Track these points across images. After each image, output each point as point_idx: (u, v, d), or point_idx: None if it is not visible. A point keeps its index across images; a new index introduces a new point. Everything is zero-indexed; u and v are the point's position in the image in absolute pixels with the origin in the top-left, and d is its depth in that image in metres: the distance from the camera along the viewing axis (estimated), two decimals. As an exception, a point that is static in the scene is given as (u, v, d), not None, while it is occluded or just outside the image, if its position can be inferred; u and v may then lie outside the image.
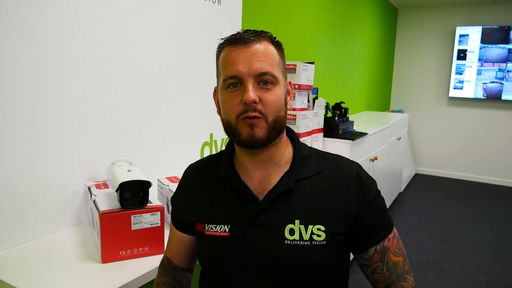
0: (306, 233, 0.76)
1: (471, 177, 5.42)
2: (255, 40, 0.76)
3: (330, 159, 0.86)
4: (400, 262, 0.83)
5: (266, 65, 0.75)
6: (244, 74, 0.74)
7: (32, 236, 1.13)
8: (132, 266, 1.01)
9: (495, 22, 5.06)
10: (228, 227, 0.80)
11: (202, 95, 1.72)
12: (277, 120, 0.76)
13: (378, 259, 0.81)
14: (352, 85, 4.16)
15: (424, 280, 2.68)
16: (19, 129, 1.06)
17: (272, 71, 0.75)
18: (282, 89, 0.78)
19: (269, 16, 2.43)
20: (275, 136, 0.78)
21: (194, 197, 0.87)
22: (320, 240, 0.75)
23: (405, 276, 0.83)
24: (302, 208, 0.78)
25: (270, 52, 0.77)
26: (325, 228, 0.76)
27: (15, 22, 1.02)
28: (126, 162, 1.29)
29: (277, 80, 0.76)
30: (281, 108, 0.77)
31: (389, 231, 0.82)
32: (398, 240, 0.84)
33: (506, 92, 5.04)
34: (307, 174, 0.81)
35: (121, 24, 1.31)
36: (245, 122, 0.74)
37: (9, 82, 1.03)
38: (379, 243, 0.81)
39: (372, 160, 2.91)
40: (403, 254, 0.84)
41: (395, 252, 0.82)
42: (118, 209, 1.02)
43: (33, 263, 1.01)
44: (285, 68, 0.83)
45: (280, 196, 0.78)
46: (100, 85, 1.27)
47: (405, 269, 0.83)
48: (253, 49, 0.75)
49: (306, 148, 0.87)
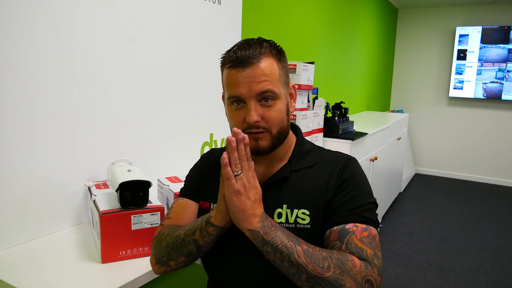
0: (292, 216, 0.82)
1: (471, 177, 5.42)
2: (254, 61, 0.79)
3: (327, 153, 0.91)
4: (367, 251, 0.74)
5: (265, 84, 0.79)
6: (246, 96, 0.80)
7: (32, 236, 1.13)
8: (132, 266, 1.01)
9: (495, 22, 5.06)
10: None
11: (202, 95, 1.72)
12: (280, 131, 0.83)
13: (336, 238, 0.77)
14: (352, 85, 4.16)
15: (424, 280, 2.68)
16: (20, 129, 1.06)
17: (272, 88, 0.80)
18: (283, 100, 0.83)
19: (269, 16, 2.43)
20: (279, 144, 0.85)
21: (206, 177, 0.95)
22: (304, 224, 0.81)
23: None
24: (292, 195, 0.84)
25: (269, 69, 0.80)
26: (310, 212, 0.81)
27: (15, 22, 1.02)
28: (126, 162, 1.29)
29: (277, 95, 0.81)
30: (283, 119, 0.83)
31: (359, 221, 0.78)
32: (372, 238, 0.76)
33: (506, 92, 5.04)
34: (302, 166, 0.87)
35: (121, 24, 1.31)
36: (250, 136, 0.80)
37: (10, 83, 1.03)
38: (341, 224, 0.77)
39: (372, 160, 2.91)
40: (374, 251, 0.75)
41: (362, 240, 0.75)
42: (118, 209, 1.02)
43: (33, 263, 1.01)
44: (287, 73, 0.87)
45: (274, 184, 0.85)
46: (100, 85, 1.27)
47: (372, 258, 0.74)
48: (252, 71, 0.79)
49: (309, 144, 0.93)
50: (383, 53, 5.18)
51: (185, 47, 1.60)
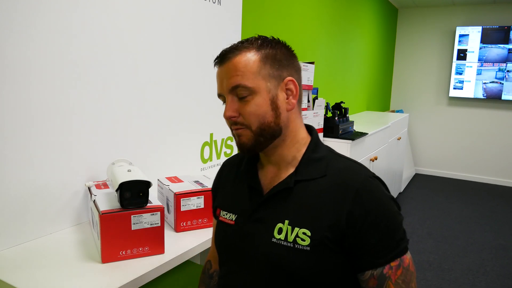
0: (291, 234, 0.75)
1: (471, 177, 5.42)
2: (230, 56, 0.78)
3: (341, 164, 0.81)
4: None
5: (236, 79, 0.77)
6: (223, 92, 0.80)
7: (32, 236, 1.13)
8: (132, 266, 1.00)
9: (495, 22, 5.06)
10: (235, 217, 0.85)
11: (202, 95, 1.72)
12: (262, 127, 0.78)
13: (374, 285, 0.74)
14: (352, 85, 4.16)
15: (424, 280, 2.68)
16: (19, 129, 1.06)
17: (243, 83, 0.76)
18: (264, 95, 0.77)
19: (269, 16, 2.43)
20: (267, 141, 0.80)
21: (223, 184, 0.96)
22: (304, 245, 0.74)
23: None
24: (295, 209, 0.77)
25: (243, 64, 0.77)
26: (311, 233, 0.74)
27: (15, 22, 1.02)
28: (126, 162, 1.29)
29: (252, 90, 0.77)
30: (264, 114, 0.78)
31: (393, 258, 0.73)
32: (406, 271, 0.73)
33: (506, 92, 5.04)
34: (309, 176, 0.79)
35: (121, 24, 1.31)
36: (234, 132, 0.81)
37: (9, 83, 1.03)
38: (377, 268, 0.73)
39: (372, 160, 2.91)
40: (407, 284, 0.73)
41: (397, 284, 0.73)
42: (118, 209, 1.02)
43: (33, 263, 1.01)
44: (282, 67, 0.80)
45: (278, 194, 0.80)
46: (100, 85, 1.27)
47: None
48: (226, 66, 0.78)
49: (323, 150, 0.84)
50: (383, 53, 5.18)
51: (185, 47, 1.59)
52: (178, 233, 1.23)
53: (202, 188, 1.29)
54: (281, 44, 0.83)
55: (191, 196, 1.25)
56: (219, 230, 0.90)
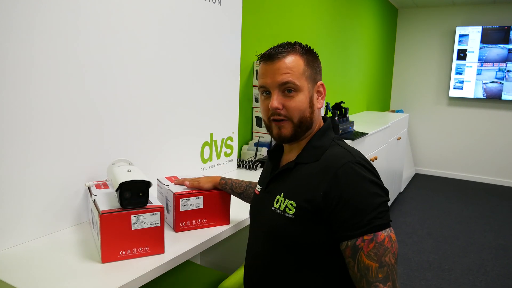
0: (283, 204, 0.92)
1: (471, 177, 5.42)
2: (280, 56, 0.92)
3: (335, 150, 0.93)
4: (372, 268, 0.80)
5: (287, 76, 0.91)
6: (270, 85, 0.93)
7: (32, 236, 1.13)
8: (132, 266, 1.01)
9: (495, 22, 5.06)
10: (259, 188, 1.07)
11: (202, 95, 1.72)
12: (302, 120, 0.93)
13: (349, 255, 0.83)
14: (352, 85, 4.16)
15: (424, 280, 2.68)
16: (20, 129, 1.06)
17: (293, 80, 0.91)
18: (306, 93, 0.93)
19: (269, 16, 2.43)
20: (302, 133, 0.95)
21: (264, 166, 1.16)
22: (290, 213, 0.90)
23: (377, 284, 0.80)
24: (290, 185, 0.93)
25: (293, 64, 0.92)
26: (296, 204, 0.89)
27: (15, 21, 1.02)
28: (126, 162, 1.29)
29: (298, 87, 0.92)
30: (305, 110, 0.93)
31: (366, 232, 0.81)
32: (379, 245, 0.81)
33: (506, 92, 5.04)
34: (306, 160, 0.94)
35: (120, 25, 1.31)
36: (274, 123, 0.95)
37: (9, 82, 1.03)
38: (351, 239, 0.82)
39: (372, 160, 2.91)
40: (379, 260, 0.80)
41: (369, 256, 0.80)
42: (118, 209, 1.02)
43: (33, 263, 1.01)
44: (317, 72, 0.97)
45: (283, 172, 0.98)
46: (100, 85, 1.27)
47: (378, 277, 0.80)
48: (277, 64, 0.92)
49: (326, 140, 0.96)
50: (383, 53, 5.18)
51: (185, 47, 1.59)
52: (178, 233, 1.23)
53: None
54: (314, 51, 0.98)
55: (191, 196, 1.25)
56: (252, 199, 1.12)
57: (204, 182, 1.29)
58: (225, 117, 1.90)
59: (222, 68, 1.83)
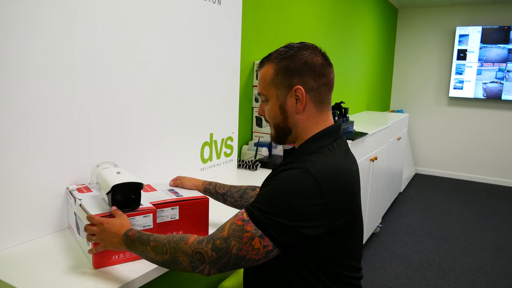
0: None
1: (471, 177, 5.42)
2: (259, 68, 1.00)
3: (304, 158, 0.93)
4: (220, 233, 0.87)
5: (259, 87, 1.00)
6: None
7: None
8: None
9: (495, 22, 5.06)
10: None
11: (202, 95, 1.72)
12: (275, 125, 1.00)
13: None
14: (352, 85, 4.16)
15: (424, 280, 2.68)
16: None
17: (261, 91, 1.00)
18: (274, 101, 0.97)
19: (269, 16, 2.43)
20: (283, 137, 1.00)
21: None
22: None
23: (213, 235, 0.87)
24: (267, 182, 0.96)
25: (263, 74, 0.98)
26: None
27: (14, 21, 1.02)
28: (111, 164, 1.26)
29: (266, 97, 0.99)
30: (275, 116, 0.98)
31: (248, 212, 0.87)
32: (240, 229, 0.85)
33: (506, 92, 5.04)
34: (282, 165, 0.95)
35: (118, 24, 1.31)
36: None
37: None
38: (242, 209, 0.91)
39: (372, 160, 2.91)
40: (230, 234, 0.85)
41: (232, 224, 0.87)
42: (109, 213, 1.00)
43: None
44: (293, 76, 0.94)
45: (270, 176, 0.98)
46: (101, 85, 1.26)
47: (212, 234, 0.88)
48: (259, 75, 1.01)
49: (311, 148, 0.94)
50: (383, 53, 5.18)
51: (184, 47, 1.59)
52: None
53: (177, 197, 1.17)
54: (302, 54, 0.95)
55: (165, 207, 1.13)
56: None
57: (186, 180, 1.32)
58: (225, 117, 1.90)
59: (222, 68, 1.83)
